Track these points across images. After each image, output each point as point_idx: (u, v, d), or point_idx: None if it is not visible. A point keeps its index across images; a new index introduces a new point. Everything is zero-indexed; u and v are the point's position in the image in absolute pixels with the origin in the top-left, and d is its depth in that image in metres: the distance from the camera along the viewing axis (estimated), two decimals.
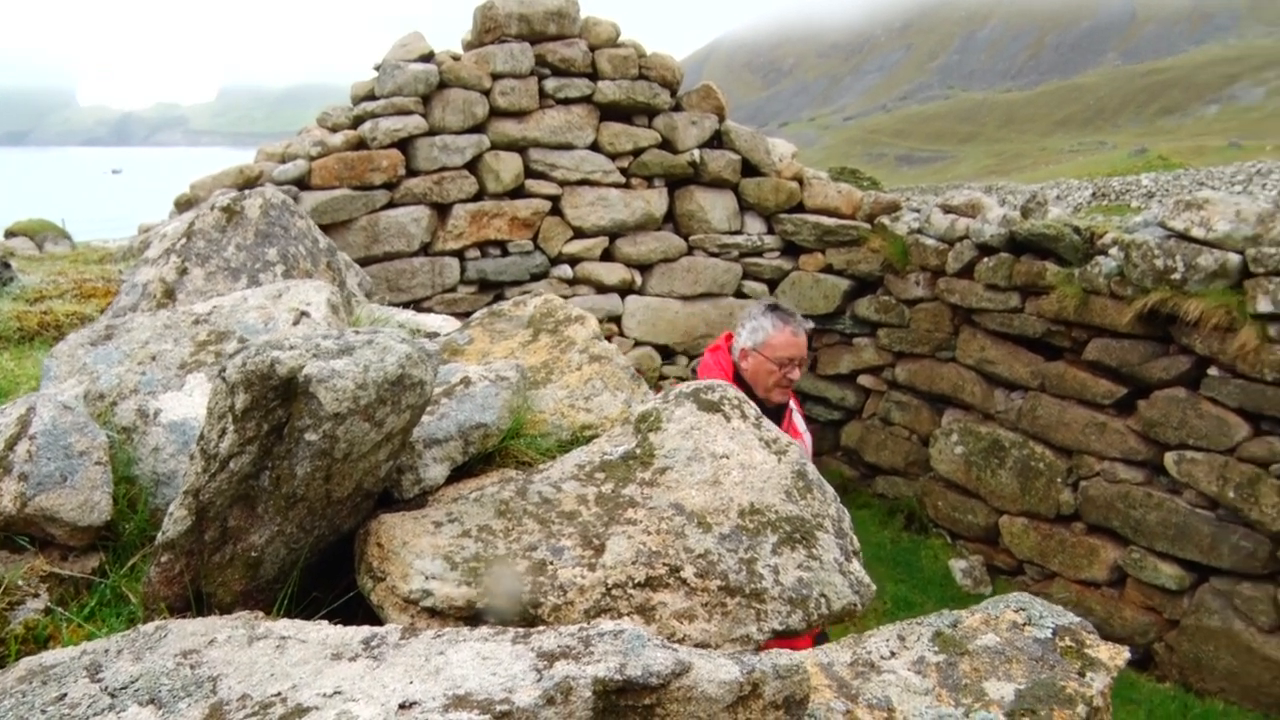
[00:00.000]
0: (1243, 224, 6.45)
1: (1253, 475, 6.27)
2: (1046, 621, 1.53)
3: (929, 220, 8.54)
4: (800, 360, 4.06)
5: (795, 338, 4.04)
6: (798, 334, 4.06)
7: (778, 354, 4.02)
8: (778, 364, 4.01)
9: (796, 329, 4.07)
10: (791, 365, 4.02)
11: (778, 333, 4.04)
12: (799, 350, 4.05)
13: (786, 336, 4.03)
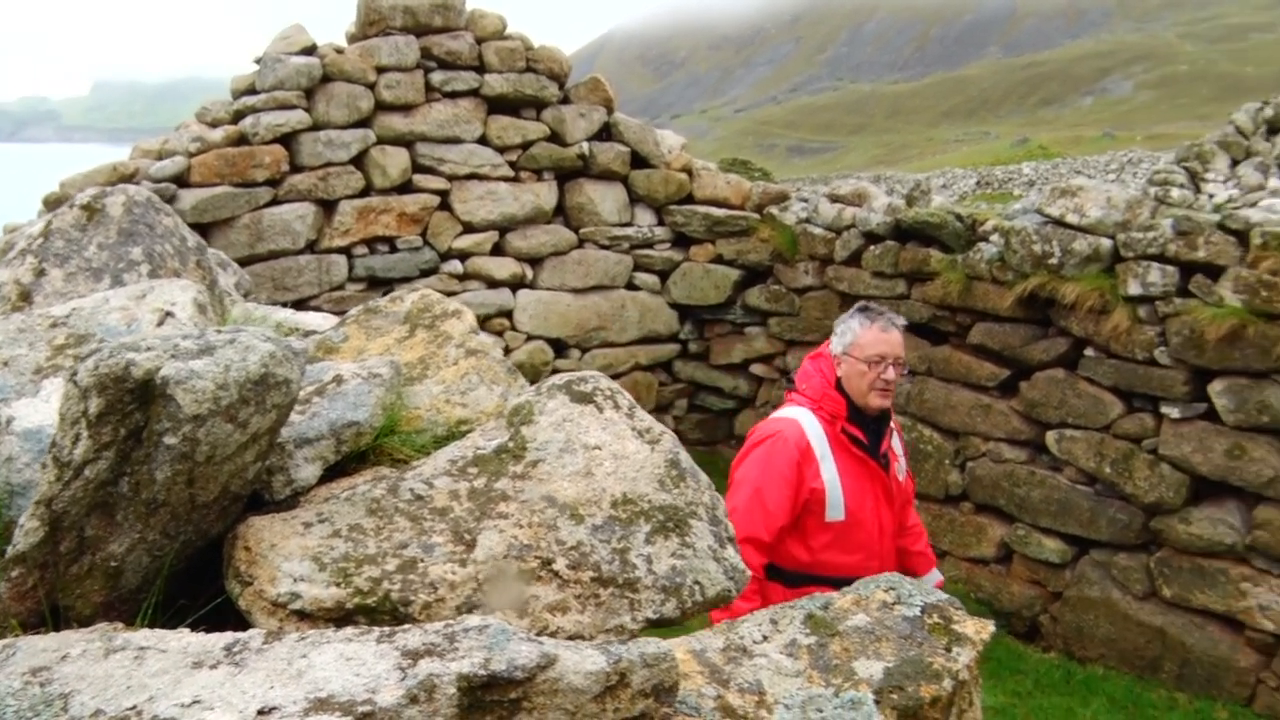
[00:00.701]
0: (1113, 210, 6.68)
1: (1127, 451, 6.51)
2: (915, 600, 1.57)
3: (817, 210, 8.67)
4: (895, 359, 3.86)
5: (885, 334, 3.86)
6: (887, 330, 3.87)
7: (866, 353, 3.83)
8: (868, 364, 3.82)
9: (886, 325, 3.88)
10: (884, 364, 3.82)
11: (864, 331, 3.87)
12: (890, 347, 3.85)
13: (875, 334, 3.84)
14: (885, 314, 3.93)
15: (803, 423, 3.89)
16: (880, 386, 3.82)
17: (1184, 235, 6.26)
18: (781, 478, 3.78)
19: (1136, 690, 6.45)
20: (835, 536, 3.86)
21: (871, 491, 3.92)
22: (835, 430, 3.86)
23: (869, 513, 3.90)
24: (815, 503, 3.82)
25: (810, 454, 3.82)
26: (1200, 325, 6.10)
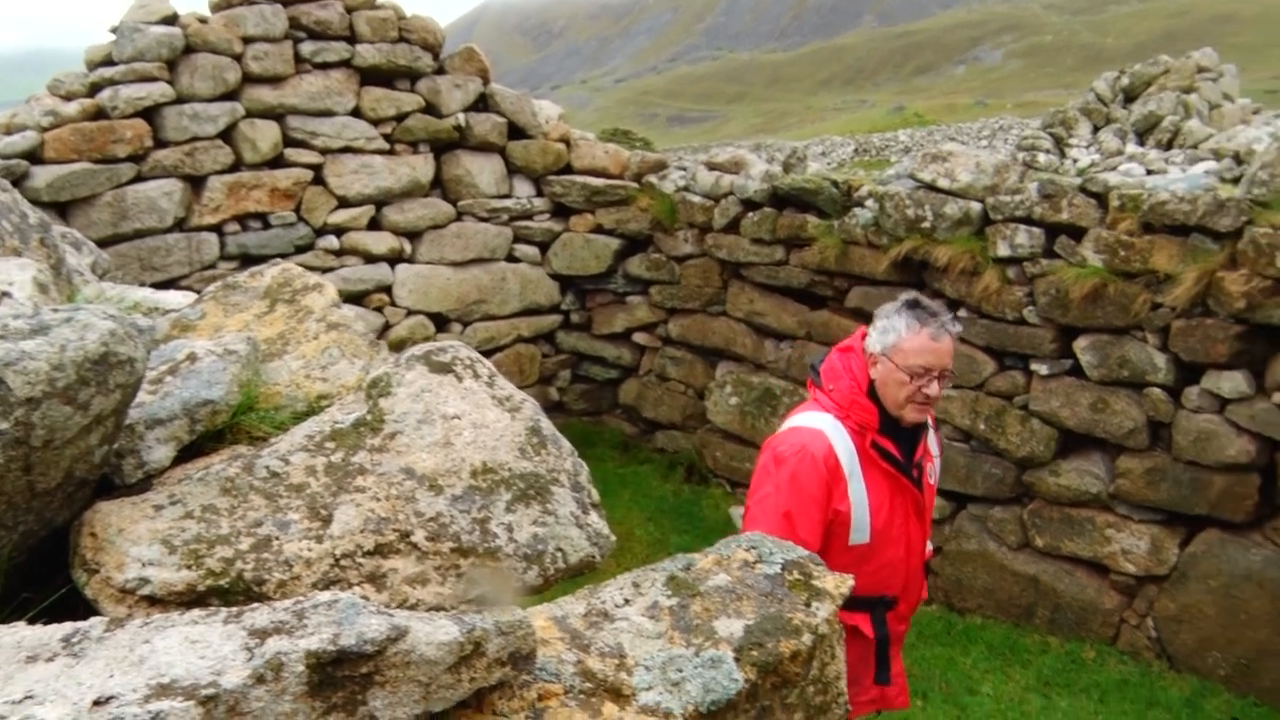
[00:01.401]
0: (982, 174, 6.85)
1: (999, 408, 6.72)
2: (776, 558, 1.59)
3: (695, 178, 8.70)
4: (942, 371, 3.28)
5: (935, 342, 3.24)
6: (938, 338, 3.25)
7: (909, 362, 3.23)
8: (909, 374, 3.24)
9: (938, 331, 3.25)
10: (928, 377, 3.25)
11: (911, 335, 3.25)
12: (939, 358, 3.25)
13: (923, 341, 3.23)
14: (939, 316, 3.30)
15: (830, 435, 3.35)
16: (920, 401, 3.29)
17: (1049, 198, 6.45)
18: (812, 500, 3.30)
19: (1013, 637, 6.69)
20: (858, 559, 3.38)
21: (901, 508, 3.45)
22: (864, 443, 3.36)
23: (897, 531, 3.45)
24: (839, 525, 3.36)
25: (839, 472, 3.32)
26: (1065, 285, 6.31)
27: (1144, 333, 6.14)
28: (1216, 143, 12.37)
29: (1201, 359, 5.89)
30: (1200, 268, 5.82)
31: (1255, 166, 5.90)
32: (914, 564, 3.54)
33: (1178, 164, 9.61)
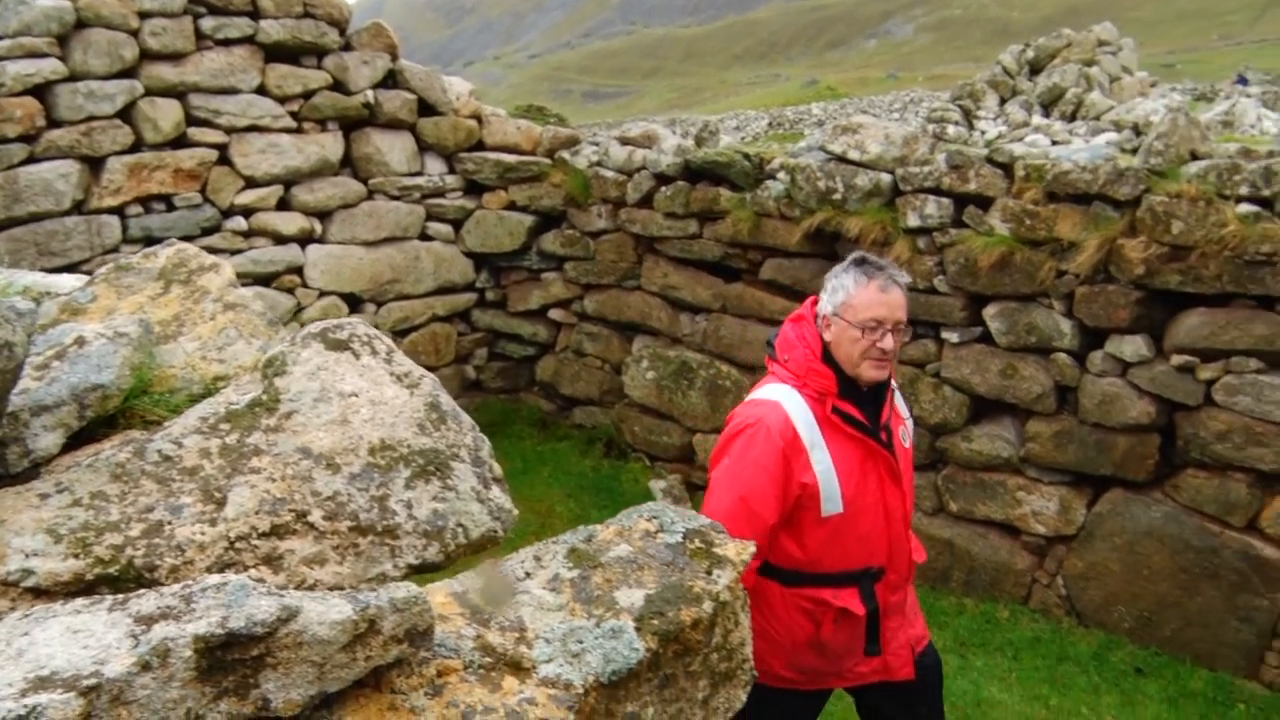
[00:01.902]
0: (891, 146, 6.93)
1: (913, 376, 6.83)
2: (678, 527, 1.59)
3: (608, 153, 8.67)
4: (894, 324, 3.23)
5: (883, 294, 3.22)
6: (887, 289, 3.23)
7: (860, 316, 3.21)
8: (861, 329, 3.20)
9: (885, 283, 3.24)
10: (880, 330, 3.20)
11: (859, 290, 3.24)
12: (889, 310, 3.21)
13: (871, 293, 3.22)
14: (886, 269, 3.30)
15: (786, 406, 3.32)
16: (875, 356, 3.24)
17: (956, 169, 6.55)
18: (767, 475, 3.25)
19: (930, 600, 6.82)
20: (834, 531, 3.34)
21: (875, 473, 3.38)
22: (825, 410, 3.31)
23: (872, 499, 3.38)
24: (808, 498, 3.30)
25: (798, 443, 3.27)
26: (974, 254, 6.42)
27: (1050, 300, 6.28)
28: (1117, 114, 12.64)
29: (1104, 324, 6.05)
30: (1102, 235, 5.97)
31: (1151, 137, 6.06)
32: (896, 530, 3.45)
33: (1081, 135, 9.81)
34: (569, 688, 1.25)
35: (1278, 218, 5.47)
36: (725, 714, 1.45)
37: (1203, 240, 5.61)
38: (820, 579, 3.39)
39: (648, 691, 1.33)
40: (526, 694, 1.23)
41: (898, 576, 3.49)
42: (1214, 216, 5.59)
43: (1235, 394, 5.62)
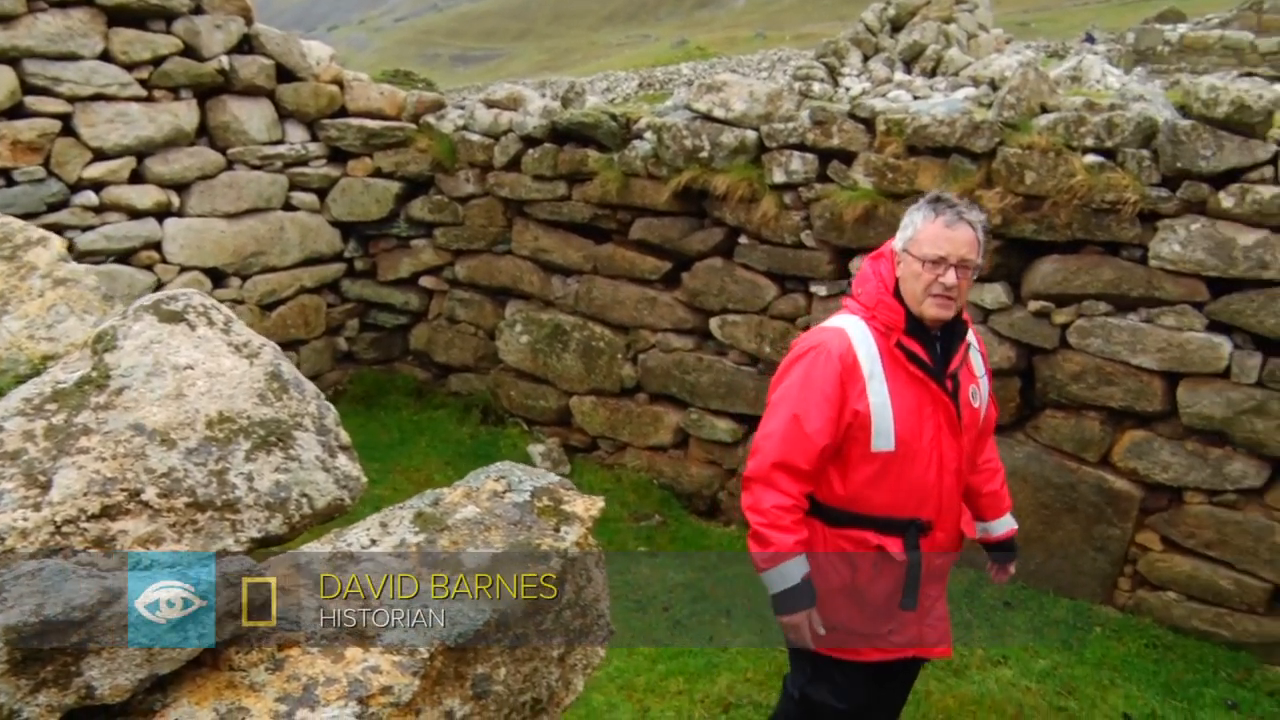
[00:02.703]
0: (756, 103, 6.98)
1: (783, 330, 6.93)
2: (525, 485, 1.58)
3: (473, 116, 8.54)
4: (960, 261, 3.16)
5: (949, 230, 3.17)
6: (954, 225, 3.18)
7: (924, 251, 3.17)
8: (924, 264, 3.17)
9: (953, 219, 3.19)
10: (943, 266, 3.14)
11: (926, 225, 3.21)
12: (954, 246, 3.16)
13: (937, 229, 3.18)
14: (957, 207, 3.25)
15: (851, 333, 3.29)
16: (937, 293, 3.17)
17: (820, 125, 6.64)
18: (822, 395, 3.22)
19: None
20: (881, 470, 3.28)
21: (933, 419, 3.30)
22: (889, 344, 3.27)
23: (926, 444, 3.30)
24: (859, 428, 3.24)
25: (856, 370, 3.23)
26: (838, 208, 6.52)
27: None
28: (974, 70, 12.98)
29: None
30: (960, 187, 6.11)
31: (1004, 91, 6.23)
32: (949, 485, 3.37)
33: (941, 90, 10.04)
34: (414, 653, 1.24)
35: (1120, 167, 5.69)
36: (584, 670, 1.45)
37: (1053, 190, 5.80)
38: (864, 520, 3.34)
39: (498, 652, 1.32)
40: (371, 662, 1.22)
41: (945, 538, 3.42)
42: (1063, 167, 5.78)
43: (1087, 336, 5.86)
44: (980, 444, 3.62)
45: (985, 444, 3.69)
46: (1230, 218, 5.39)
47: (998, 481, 3.76)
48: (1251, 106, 5.25)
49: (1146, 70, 18.83)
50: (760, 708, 5.19)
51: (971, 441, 3.45)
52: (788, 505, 3.28)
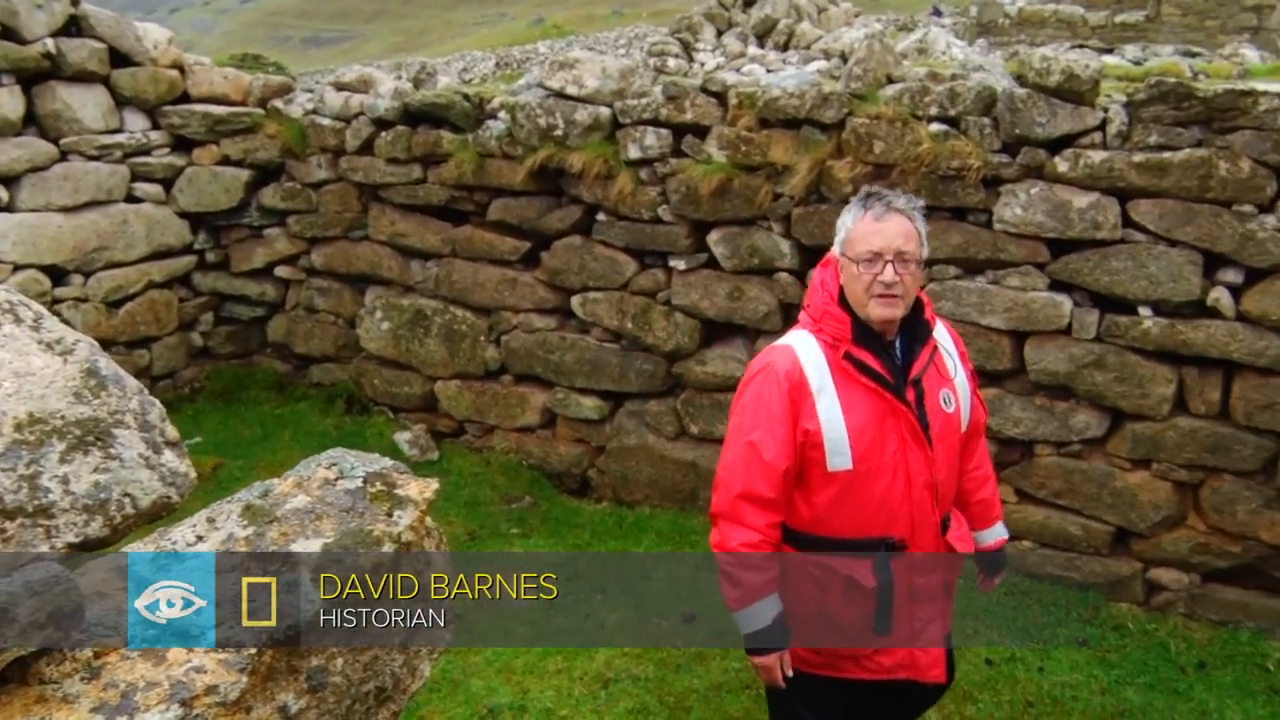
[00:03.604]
0: (609, 80, 6.97)
1: (644, 305, 6.97)
2: (358, 471, 1.56)
3: (323, 100, 8.33)
4: (896, 254, 2.98)
5: (879, 223, 3.01)
6: (883, 218, 3.02)
7: (857, 250, 3.02)
8: (860, 263, 3.00)
9: (881, 212, 3.03)
10: (880, 262, 2.97)
11: (856, 222, 3.06)
12: (887, 239, 2.98)
13: (866, 224, 3.03)
14: (886, 198, 3.09)
15: (798, 349, 3.15)
16: (879, 292, 2.99)
17: (673, 100, 6.67)
18: (775, 419, 3.07)
19: (680, 521, 7.04)
20: (843, 490, 3.11)
21: (895, 432, 3.10)
22: (838, 356, 3.10)
23: (889, 459, 3.10)
24: (812, 447, 3.08)
25: (804, 387, 3.08)
26: (694, 182, 6.57)
27: (769, 222, 6.53)
28: (825, 43, 13.17)
29: (821, 242, 6.33)
30: (812, 158, 6.23)
31: (851, 63, 6.36)
32: (920, 499, 3.16)
33: (794, 64, 10.16)
34: (241, 649, 1.20)
35: (963, 135, 5.87)
36: (430, 656, 1.44)
37: (901, 158, 5.95)
38: (830, 544, 3.18)
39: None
40: (195, 662, 1.18)
41: (924, 556, 3.22)
42: (910, 136, 5.94)
43: (938, 299, 6.03)
44: (968, 449, 3.45)
45: (974, 448, 3.52)
46: (1066, 181, 5.62)
47: (987, 489, 3.58)
48: (1080, 75, 5.47)
49: (989, 42, 19.44)
50: (639, 680, 5.24)
51: (949, 450, 3.26)
52: (755, 541, 3.12)
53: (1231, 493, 5.57)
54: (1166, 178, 5.36)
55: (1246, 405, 5.44)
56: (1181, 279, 5.42)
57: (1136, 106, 5.46)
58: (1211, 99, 5.23)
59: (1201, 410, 5.61)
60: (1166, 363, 5.62)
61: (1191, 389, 5.62)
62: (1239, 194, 5.23)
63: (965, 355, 3.43)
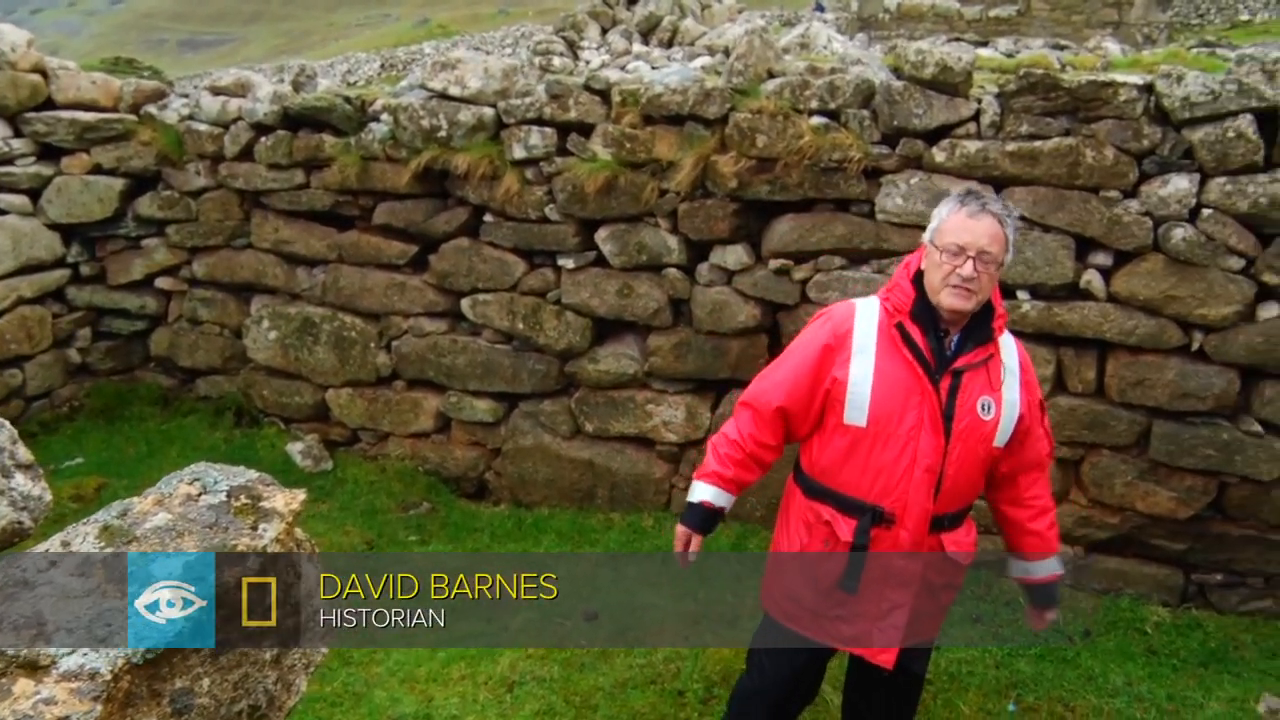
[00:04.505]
0: (491, 80, 6.92)
1: (535, 305, 6.94)
2: (221, 486, 1.52)
3: (199, 105, 8.09)
4: (979, 252, 3.14)
5: (971, 220, 3.17)
6: (976, 216, 3.18)
7: (945, 240, 3.19)
8: (944, 254, 3.18)
9: (975, 210, 3.19)
10: (962, 256, 3.14)
11: (950, 216, 3.23)
12: (974, 236, 3.15)
13: (960, 219, 3.19)
14: (983, 199, 3.27)
15: (860, 308, 3.39)
16: (955, 283, 3.16)
17: (556, 98, 6.65)
18: (803, 355, 3.38)
19: (579, 520, 7.03)
20: (852, 445, 3.31)
21: (917, 409, 3.24)
22: (891, 324, 3.30)
23: (904, 432, 3.25)
24: (835, 398, 3.31)
25: (845, 340, 3.31)
26: (580, 180, 6.56)
27: (656, 218, 6.55)
28: (709, 39, 13.31)
29: (707, 237, 6.39)
30: (696, 153, 6.27)
31: (732, 58, 6.43)
32: (920, 480, 3.27)
33: (678, 60, 10.23)
34: (95, 677, 1.15)
35: (844, 128, 5.97)
36: (306, 669, 1.40)
37: (784, 151, 6.02)
38: (829, 495, 3.40)
39: (198, 662, 1.26)
40: (44, 694, 1.13)
41: (910, 539, 3.33)
42: (791, 129, 6.02)
43: (825, 290, 6.13)
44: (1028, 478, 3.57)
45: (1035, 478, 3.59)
46: (944, 171, 5.76)
47: (1045, 521, 3.61)
48: (953, 68, 5.61)
49: (869, 37, 19.84)
50: (544, 682, 5.22)
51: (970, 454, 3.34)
52: (735, 442, 3.49)
53: (1109, 467, 5.78)
54: (1038, 166, 5.52)
55: (1120, 382, 5.64)
56: (1056, 263, 5.59)
57: (1008, 97, 5.61)
58: (1076, 90, 5.41)
59: (1079, 389, 5.81)
60: (1045, 344, 5.80)
61: (1069, 369, 5.80)
62: (1105, 180, 5.42)
63: (1033, 385, 3.51)
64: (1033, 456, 3.52)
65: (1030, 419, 3.44)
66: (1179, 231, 5.31)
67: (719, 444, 3.54)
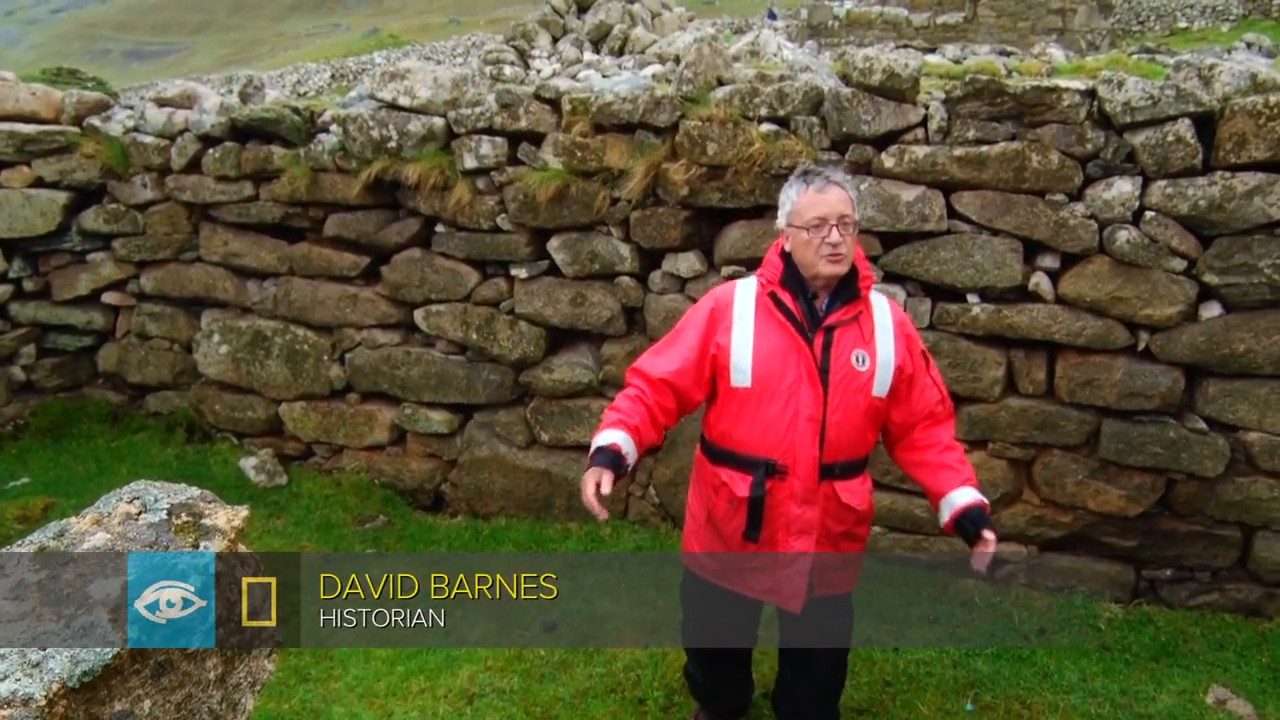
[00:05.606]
0: (441, 89, 6.89)
1: (488, 316, 6.91)
2: (161, 504, 1.49)
3: (144, 117, 7.99)
4: (839, 218, 3.50)
5: (821, 194, 3.54)
6: (824, 189, 3.54)
7: (805, 219, 3.54)
8: (808, 230, 3.53)
9: (822, 185, 3.56)
10: (824, 225, 3.50)
11: (800, 196, 3.59)
12: (829, 206, 3.51)
13: (810, 196, 3.55)
14: (823, 173, 3.62)
15: (739, 285, 3.80)
16: (826, 253, 3.51)
17: (507, 108, 6.63)
18: (691, 326, 3.77)
19: (537, 530, 7.01)
20: (740, 406, 3.66)
21: (795, 366, 3.59)
22: (764, 294, 3.67)
23: (785, 388, 3.59)
24: (722, 365, 3.67)
25: (726, 310, 3.70)
26: (532, 189, 6.55)
27: (608, 226, 6.55)
28: (659, 48, 13.35)
29: (659, 244, 6.40)
30: (647, 161, 6.28)
31: (682, 67, 6.44)
32: (804, 431, 3.59)
33: (629, 69, 10.25)
34: (28, 703, 1.13)
35: (793, 134, 6.00)
36: (251, 688, 1.38)
37: (734, 159, 6.05)
38: (728, 456, 3.74)
39: (139, 684, 1.23)
40: None
41: (801, 485, 3.64)
42: (741, 136, 6.04)
43: None
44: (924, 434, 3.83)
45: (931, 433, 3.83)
46: (893, 176, 5.80)
47: (952, 457, 3.80)
48: (900, 74, 5.66)
49: (819, 44, 20.00)
50: (503, 694, 5.20)
51: (850, 403, 3.64)
52: (630, 395, 3.77)
53: (1060, 466, 5.84)
54: (985, 170, 5.58)
55: (1069, 383, 5.71)
56: (1005, 266, 5.65)
57: (954, 103, 5.67)
58: (1021, 95, 5.48)
59: (1030, 390, 5.87)
60: (996, 347, 5.86)
61: (1020, 370, 5.87)
62: (1050, 184, 5.49)
63: (913, 337, 3.84)
64: (922, 406, 3.81)
65: (913, 368, 3.76)
66: (1123, 234, 5.39)
67: (618, 403, 3.78)
